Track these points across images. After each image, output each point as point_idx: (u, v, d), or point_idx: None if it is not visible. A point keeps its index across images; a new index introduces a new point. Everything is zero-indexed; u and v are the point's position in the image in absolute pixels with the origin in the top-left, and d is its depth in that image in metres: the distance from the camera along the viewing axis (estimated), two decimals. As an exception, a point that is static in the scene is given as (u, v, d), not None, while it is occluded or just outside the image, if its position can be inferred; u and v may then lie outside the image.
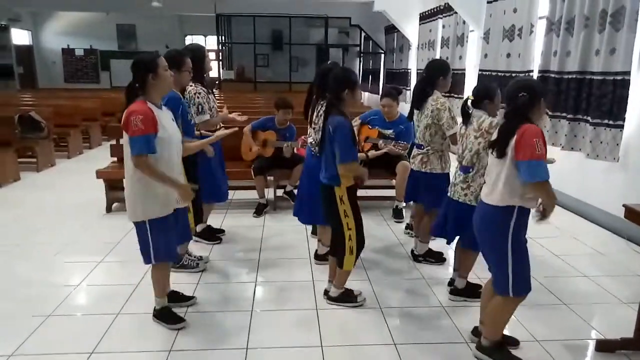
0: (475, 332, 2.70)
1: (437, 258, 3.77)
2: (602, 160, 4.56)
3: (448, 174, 3.54)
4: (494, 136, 2.39)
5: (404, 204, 4.93)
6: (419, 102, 3.53)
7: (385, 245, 4.21)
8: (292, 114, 4.87)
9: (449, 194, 3.11)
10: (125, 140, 2.50)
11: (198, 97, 3.62)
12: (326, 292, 3.18)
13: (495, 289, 2.42)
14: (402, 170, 4.64)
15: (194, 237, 3.97)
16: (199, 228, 4.07)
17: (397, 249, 4.15)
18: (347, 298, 3.08)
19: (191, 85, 3.61)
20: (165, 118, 2.62)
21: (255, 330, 2.81)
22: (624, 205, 2.53)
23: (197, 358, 2.55)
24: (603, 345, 2.65)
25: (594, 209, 4.85)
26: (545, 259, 3.94)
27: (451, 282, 3.28)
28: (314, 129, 3.35)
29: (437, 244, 3.84)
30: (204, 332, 2.79)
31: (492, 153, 2.34)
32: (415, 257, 3.82)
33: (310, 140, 3.46)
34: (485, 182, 2.46)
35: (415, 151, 3.66)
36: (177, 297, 3.05)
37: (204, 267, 3.57)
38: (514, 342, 2.64)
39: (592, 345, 2.70)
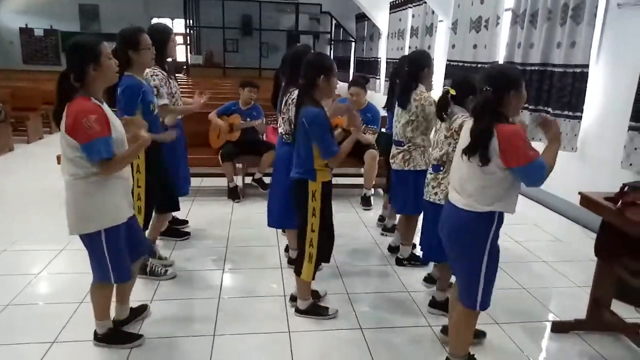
0: (445, 330, 2.66)
1: (422, 262, 3.55)
2: (561, 151, 4.72)
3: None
4: (464, 138, 2.12)
5: (372, 192, 4.98)
6: (404, 98, 3.32)
7: (353, 233, 4.25)
8: (257, 93, 4.86)
9: (424, 197, 2.92)
10: (69, 143, 2.10)
11: (155, 80, 3.29)
12: (292, 298, 2.96)
13: (460, 298, 2.23)
14: (370, 158, 4.69)
15: (158, 237, 3.77)
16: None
17: (365, 236, 4.20)
18: (317, 310, 2.86)
19: (151, 69, 3.29)
20: (112, 115, 2.23)
21: (222, 318, 2.81)
22: (579, 193, 2.64)
23: (163, 345, 2.53)
24: (558, 326, 2.78)
25: (553, 197, 5.04)
26: (506, 245, 4.08)
27: (427, 278, 3.23)
28: (282, 118, 3.16)
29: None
30: (170, 320, 2.77)
31: (468, 160, 2.04)
32: (399, 261, 3.61)
33: (280, 130, 3.25)
34: (450, 182, 2.25)
35: (394, 149, 3.47)
36: (136, 314, 2.74)
37: (174, 274, 3.28)
38: (482, 335, 2.63)
39: (548, 326, 2.83)
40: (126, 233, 2.33)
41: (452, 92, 2.64)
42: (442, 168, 2.78)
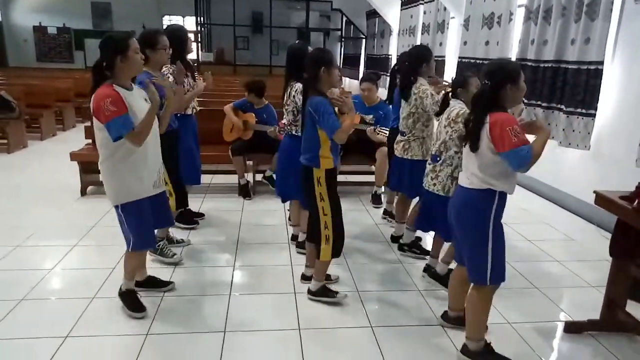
0: (445, 316, 2.75)
1: (421, 249, 3.70)
2: (574, 149, 4.67)
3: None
4: (461, 127, 2.39)
5: (383, 190, 4.97)
6: (405, 91, 3.52)
7: (363, 230, 4.24)
8: (260, 100, 4.87)
9: (423, 184, 3.17)
10: (97, 126, 2.43)
11: (170, 77, 3.46)
12: (304, 277, 3.19)
13: (471, 278, 2.35)
14: (381, 156, 4.67)
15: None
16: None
17: (375, 233, 4.19)
18: (326, 293, 2.99)
19: (167, 66, 3.51)
20: (136, 101, 2.51)
21: (233, 314, 2.82)
22: (594, 192, 2.61)
23: (174, 342, 2.55)
24: (571, 327, 2.75)
25: (566, 195, 4.98)
26: (519, 244, 4.04)
27: (426, 269, 3.32)
28: (286, 110, 3.38)
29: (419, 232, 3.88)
30: (181, 316, 2.78)
31: (464, 146, 2.32)
32: (401, 247, 3.75)
33: (284, 121, 3.48)
34: (456, 171, 2.47)
35: (398, 137, 3.69)
36: (154, 283, 3.02)
37: (180, 259, 3.44)
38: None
39: (560, 326, 2.80)
40: (151, 206, 2.66)
41: (448, 89, 2.99)
42: (439, 158, 3.02)
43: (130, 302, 2.77)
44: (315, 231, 2.90)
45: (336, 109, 2.73)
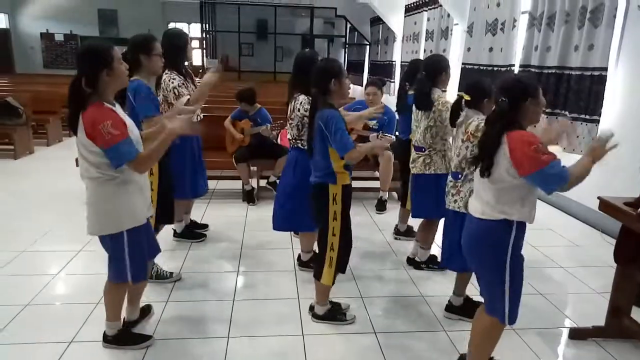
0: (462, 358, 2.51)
1: (439, 266, 3.45)
2: (578, 154, 4.66)
3: None
4: (475, 150, 2.16)
5: (387, 195, 4.97)
6: (422, 101, 3.30)
7: (367, 237, 4.24)
8: (252, 108, 4.92)
9: (445, 204, 2.87)
10: (89, 148, 2.11)
11: (173, 82, 3.38)
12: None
13: (488, 312, 2.17)
14: (385, 160, 4.68)
15: (174, 238, 3.93)
16: (178, 228, 3.93)
17: (379, 240, 4.19)
18: (335, 315, 2.84)
19: (166, 73, 3.38)
20: (125, 116, 2.27)
21: (237, 320, 2.82)
22: (598, 198, 2.60)
23: (178, 347, 2.55)
24: (576, 333, 2.74)
25: (570, 201, 4.96)
26: (523, 250, 4.02)
27: (449, 307, 2.97)
28: (290, 124, 3.16)
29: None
30: (185, 321, 2.79)
31: (474, 170, 2.11)
32: (417, 265, 3.58)
33: (288, 136, 3.25)
34: (473, 194, 2.23)
35: (414, 154, 3.44)
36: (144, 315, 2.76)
37: (179, 276, 3.29)
38: None
39: (565, 333, 2.79)
40: (145, 232, 2.39)
41: (466, 97, 2.65)
42: (460, 176, 2.75)
43: (129, 339, 2.52)
44: (320, 251, 2.73)
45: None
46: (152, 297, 2.97)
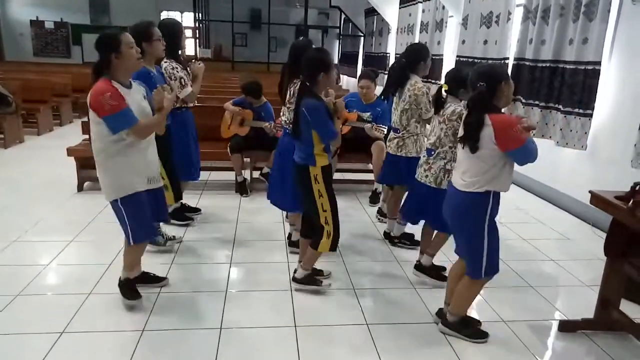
0: (440, 313, 2.78)
1: (412, 241, 3.82)
2: (570, 148, 4.69)
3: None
4: (461, 131, 2.43)
5: (382, 187, 4.97)
6: (397, 86, 3.55)
7: (360, 228, 4.25)
8: (258, 100, 4.86)
9: (416, 176, 3.22)
10: (93, 120, 2.43)
11: (177, 72, 3.58)
12: (295, 279, 3.17)
13: (467, 271, 2.49)
14: (377, 150, 4.68)
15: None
16: (170, 208, 3.98)
17: (370, 231, 4.20)
18: (312, 281, 3.07)
19: (166, 62, 3.55)
20: (133, 98, 2.53)
21: (229, 311, 2.82)
22: (589, 191, 2.62)
23: (170, 338, 2.55)
24: (565, 326, 2.77)
25: (562, 195, 5.00)
26: (515, 243, 4.06)
27: (418, 266, 3.34)
28: (288, 108, 3.30)
29: (409, 227, 3.90)
30: (177, 313, 2.79)
31: (462, 148, 2.38)
32: (392, 240, 3.88)
33: (283, 118, 3.41)
34: (449, 164, 2.64)
35: (391, 134, 3.70)
36: (148, 278, 3.02)
37: (180, 239, 3.56)
38: (477, 323, 2.73)
39: (555, 325, 2.82)
40: (148, 199, 2.68)
41: (445, 87, 2.97)
42: (433, 152, 3.06)
43: (127, 290, 2.81)
44: (310, 227, 2.92)
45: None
46: (144, 289, 2.96)
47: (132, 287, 2.82)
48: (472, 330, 2.63)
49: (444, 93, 3.00)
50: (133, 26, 3.17)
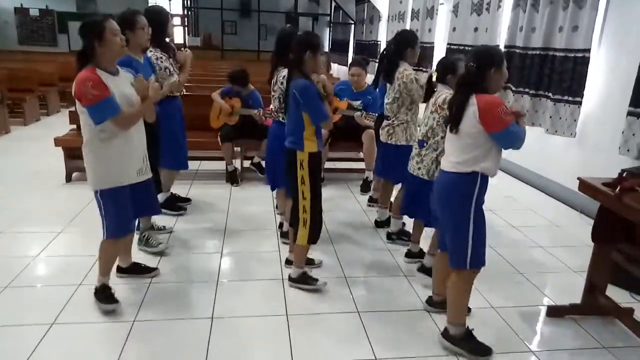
0: (430, 301, 2.80)
1: (409, 237, 3.63)
2: (560, 136, 4.72)
3: (412, 146, 3.56)
4: (447, 113, 2.41)
5: (372, 175, 4.98)
6: (389, 74, 3.52)
7: (350, 216, 4.26)
8: (246, 89, 4.82)
9: (408, 168, 3.19)
10: (79, 109, 2.39)
11: (162, 62, 3.53)
12: (288, 261, 3.22)
13: (451, 263, 2.38)
14: (368, 139, 4.68)
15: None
16: (161, 197, 3.95)
17: (361, 220, 4.21)
18: (306, 280, 3.01)
19: (151, 51, 3.48)
20: (119, 86, 2.46)
21: (220, 301, 2.82)
22: (578, 178, 2.64)
23: (162, 328, 2.55)
24: (553, 311, 2.81)
25: (551, 182, 5.04)
26: (504, 230, 4.10)
27: (407, 253, 3.39)
28: (272, 96, 3.36)
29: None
30: (168, 303, 2.78)
31: (448, 129, 2.34)
32: (389, 236, 3.76)
33: (271, 107, 3.45)
34: (441, 155, 2.50)
35: (384, 123, 3.68)
36: (139, 269, 3.01)
37: (166, 247, 3.41)
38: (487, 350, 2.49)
39: (543, 311, 2.86)
40: (136, 193, 2.63)
41: (435, 74, 2.95)
42: (425, 144, 3.02)
43: (101, 296, 2.67)
44: (295, 215, 2.91)
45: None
46: (134, 279, 2.95)
47: (107, 293, 2.68)
48: (474, 344, 2.42)
49: (434, 82, 2.98)
50: (118, 14, 3.08)
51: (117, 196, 2.54)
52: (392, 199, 3.89)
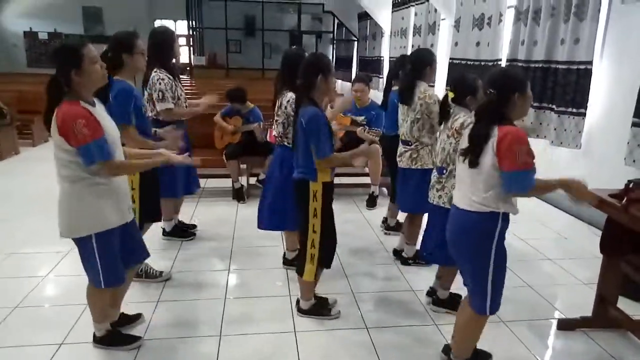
0: (446, 349, 2.51)
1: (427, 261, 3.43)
2: (565, 148, 4.71)
3: None
4: (464, 142, 2.15)
5: (378, 191, 4.98)
6: (407, 96, 3.33)
7: (357, 232, 4.26)
8: (244, 106, 4.88)
9: (429, 199, 2.90)
10: (60, 146, 2.10)
11: (160, 84, 3.35)
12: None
13: (472, 304, 2.20)
14: (373, 154, 4.68)
15: (163, 237, 3.93)
16: (167, 226, 3.91)
17: (368, 235, 4.21)
18: (320, 310, 2.86)
19: (155, 71, 3.37)
20: (103, 117, 2.19)
21: (228, 318, 2.82)
22: (584, 190, 2.63)
23: (170, 347, 2.54)
24: (564, 324, 2.78)
25: (557, 194, 5.00)
26: (511, 242, 4.06)
27: (430, 292, 3.05)
28: (276, 121, 3.15)
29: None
30: (176, 320, 2.78)
31: (463, 162, 2.11)
32: (404, 260, 3.61)
33: (274, 133, 3.23)
34: (456, 187, 2.27)
35: (401, 148, 3.47)
36: (126, 320, 2.68)
37: (169, 276, 3.28)
38: (487, 356, 2.47)
39: (554, 324, 2.83)
40: (122, 237, 2.31)
41: (451, 94, 2.67)
42: (445, 171, 2.77)
43: (117, 340, 2.49)
44: (303, 251, 2.71)
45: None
46: (143, 297, 2.96)
47: (120, 335, 2.52)
48: None
49: (450, 102, 2.70)
50: (115, 34, 2.93)
51: (112, 237, 2.25)
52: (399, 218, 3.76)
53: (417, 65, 3.32)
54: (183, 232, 4.04)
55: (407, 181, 3.43)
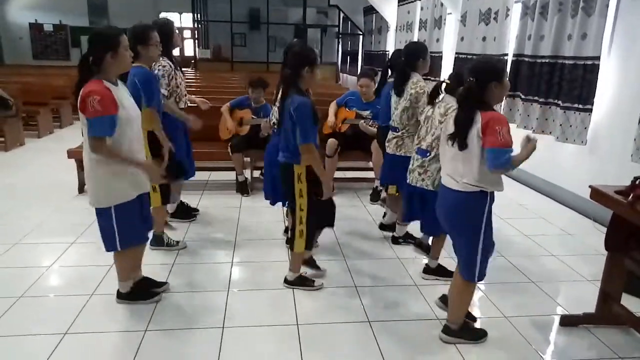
0: (443, 298, 2.84)
1: (415, 239, 3.80)
2: (570, 144, 4.69)
3: None
4: (450, 127, 2.34)
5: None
6: (400, 86, 3.52)
7: (360, 226, 4.25)
8: (263, 93, 4.87)
9: (407, 181, 3.16)
10: (82, 121, 2.39)
11: (159, 70, 3.49)
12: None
13: (462, 274, 2.45)
14: (377, 148, 4.68)
15: (168, 219, 3.99)
16: (170, 208, 4.03)
17: (371, 229, 4.21)
18: (304, 282, 3.08)
19: (162, 61, 3.52)
20: (123, 96, 2.49)
21: (231, 310, 2.83)
22: (589, 186, 2.62)
23: (173, 338, 2.56)
24: (567, 320, 2.77)
25: (562, 190, 5.00)
26: (516, 239, 4.06)
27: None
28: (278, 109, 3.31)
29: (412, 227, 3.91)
30: (179, 312, 2.79)
31: (452, 145, 2.29)
32: (395, 240, 3.85)
33: (273, 120, 3.43)
34: (442, 169, 2.47)
35: (390, 134, 3.66)
36: (149, 284, 2.95)
37: (184, 245, 3.61)
38: (472, 318, 2.72)
39: (557, 320, 2.82)
40: (139, 206, 2.62)
41: (447, 81, 2.89)
42: (429, 153, 3.01)
43: (141, 295, 2.81)
44: (293, 220, 2.93)
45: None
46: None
47: (144, 290, 2.83)
48: (472, 332, 2.59)
49: (442, 90, 2.93)
50: (132, 27, 3.16)
51: (132, 208, 2.56)
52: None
53: (410, 57, 3.50)
54: (185, 212, 4.17)
55: (392, 166, 3.66)
